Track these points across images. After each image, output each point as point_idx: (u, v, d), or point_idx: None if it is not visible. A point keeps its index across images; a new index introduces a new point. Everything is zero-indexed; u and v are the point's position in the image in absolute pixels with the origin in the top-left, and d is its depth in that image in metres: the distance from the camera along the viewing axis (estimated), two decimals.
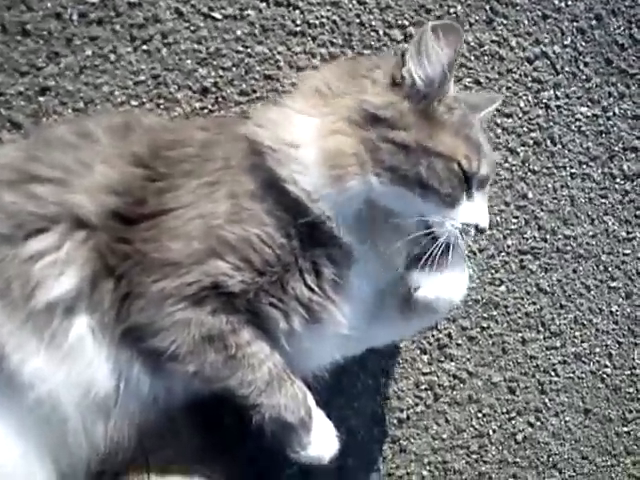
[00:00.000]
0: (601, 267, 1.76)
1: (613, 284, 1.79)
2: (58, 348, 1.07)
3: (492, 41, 1.58)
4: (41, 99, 1.35)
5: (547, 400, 1.71)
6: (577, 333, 1.75)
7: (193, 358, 1.08)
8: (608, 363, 1.81)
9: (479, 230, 1.15)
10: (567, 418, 1.74)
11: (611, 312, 1.80)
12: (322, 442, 1.16)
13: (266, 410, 1.10)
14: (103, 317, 1.09)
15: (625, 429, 1.85)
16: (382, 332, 1.28)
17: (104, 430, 1.12)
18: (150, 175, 1.13)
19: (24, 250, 1.07)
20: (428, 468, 1.63)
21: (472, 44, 1.57)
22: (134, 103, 1.40)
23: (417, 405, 1.61)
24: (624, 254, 1.79)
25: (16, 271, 1.06)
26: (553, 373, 1.71)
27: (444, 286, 1.15)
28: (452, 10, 1.55)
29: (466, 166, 1.10)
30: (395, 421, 1.60)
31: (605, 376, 1.80)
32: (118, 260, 1.09)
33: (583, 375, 1.77)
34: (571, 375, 1.75)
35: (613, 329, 1.80)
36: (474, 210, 1.13)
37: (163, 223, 1.09)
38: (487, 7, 1.57)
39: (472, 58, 1.57)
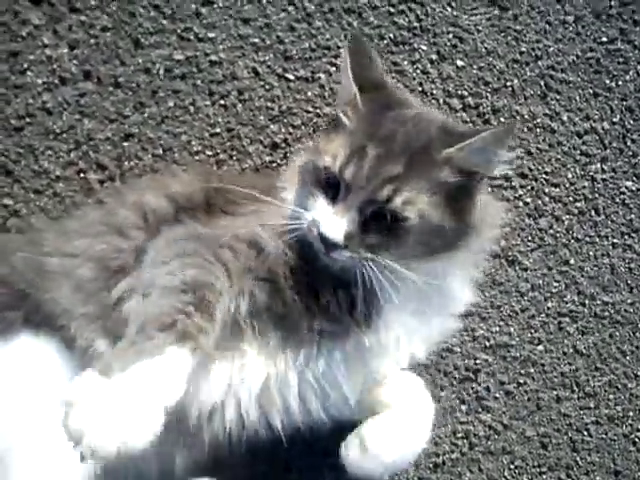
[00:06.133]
0: (637, 334, 1.58)
1: None
2: None
3: (545, 114, 1.46)
4: (125, 144, 1.29)
5: (578, 458, 1.53)
6: (611, 396, 1.57)
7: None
8: None
9: (322, 239, 0.93)
10: (597, 478, 1.55)
11: None
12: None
13: None
14: None
15: None
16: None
17: None
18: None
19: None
20: None
21: (526, 116, 1.45)
22: (209, 153, 1.32)
23: (453, 452, 1.46)
24: None
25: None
26: (586, 432, 1.54)
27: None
28: (509, 84, 1.44)
29: (328, 163, 0.94)
30: (431, 465, 1.45)
31: (637, 440, 1.61)
32: None
33: (615, 437, 1.58)
34: (603, 436, 1.57)
35: None
36: (326, 214, 0.93)
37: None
38: (542, 82, 1.45)
39: (525, 129, 1.45)
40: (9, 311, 1.01)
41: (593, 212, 1.52)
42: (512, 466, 1.49)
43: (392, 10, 1.38)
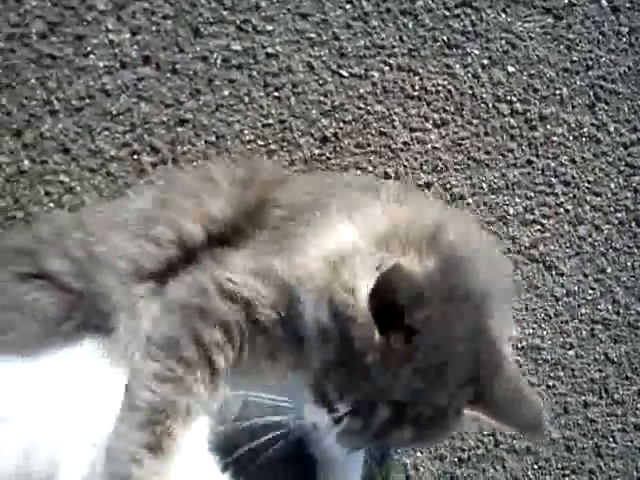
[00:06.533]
0: None
1: None
2: None
3: (592, 124, 1.46)
4: (179, 129, 1.30)
5: (602, 464, 1.53)
6: (639, 405, 1.56)
7: (168, 317, 0.94)
8: None
9: None
10: None
11: None
12: None
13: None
14: None
15: None
16: None
17: None
18: (252, 217, 1.05)
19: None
20: None
21: (572, 125, 1.45)
22: (260, 143, 1.33)
23: (478, 448, 1.46)
24: None
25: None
26: (611, 439, 1.53)
27: None
28: (558, 92, 1.43)
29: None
30: (456, 460, 1.45)
31: None
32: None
33: None
34: (629, 444, 1.56)
35: None
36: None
37: (240, 244, 1.01)
38: (591, 92, 1.45)
39: (570, 138, 1.44)
40: (69, 320, 0.99)
41: (633, 223, 1.52)
42: (536, 466, 1.49)
43: (447, 13, 1.38)
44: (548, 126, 1.42)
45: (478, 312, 0.87)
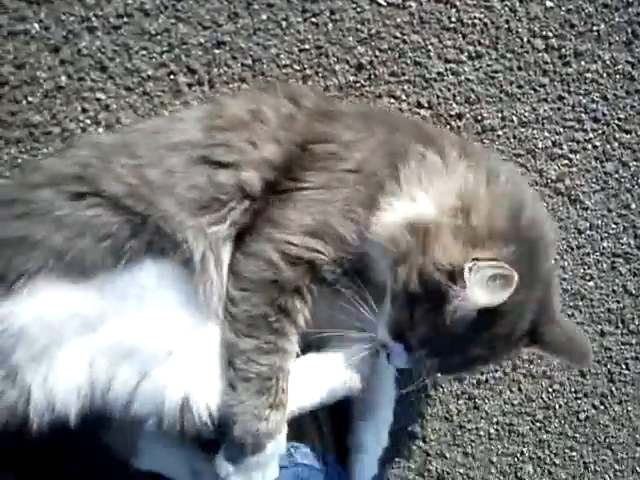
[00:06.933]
0: None
1: None
2: None
3: (627, 61, 1.44)
4: (216, 52, 1.29)
5: (614, 388, 1.58)
6: None
7: (249, 298, 1.01)
8: None
9: None
10: (629, 408, 1.60)
11: None
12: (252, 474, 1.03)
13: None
14: None
15: None
16: None
17: None
18: (301, 158, 1.05)
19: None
20: (495, 427, 1.53)
21: (607, 62, 1.43)
22: (296, 67, 1.33)
23: (497, 371, 1.50)
24: None
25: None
26: (624, 366, 1.57)
27: None
28: (595, 28, 1.41)
29: None
30: (474, 381, 1.50)
31: None
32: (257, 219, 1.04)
33: None
34: None
35: None
36: None
37: (294, 195, 1.03)
38: (629, 29, 1.42)
39: (604, 75, 1.43)
40: (133, 239, 0.97)
41: None
42: (550, 389, 1.53)
43: None
44: (582, 62, 1.41)
45: (545, 284, 0.99)
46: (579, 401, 1.56)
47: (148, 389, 0.97)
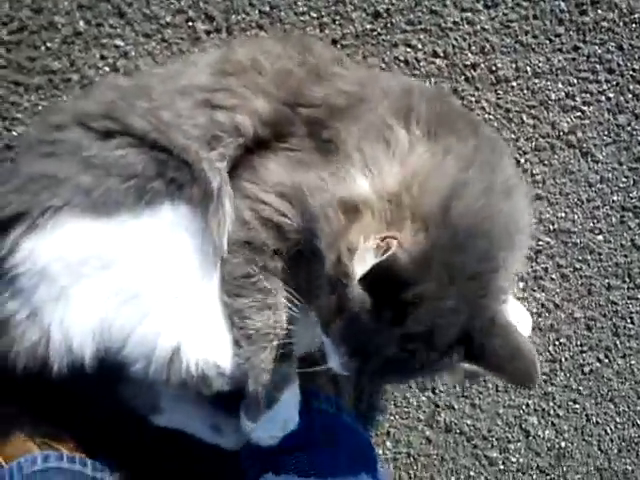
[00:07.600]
0: None
1: None
2: None
3: None
4: None
5: (618, 342, 1.57)
6: None
7: (230, 259, 1.00)
8: None
9: None
10: (633, 362, 1.59)
11: None
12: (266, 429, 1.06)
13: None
14: None
15: None
16: None
17: None
18: (291, 122, 1.04)
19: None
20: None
21: (624, 10, 1.40)
22: (313, 15, 1.32)
23: None
24: None
25: None
26: (629, 320, 1.57)
27: None
28: None
29: None
30: None
31: None
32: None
33: None
34: None
35: None
36: None
37: (278, 153, 1.02)
38: None
39: (621, 24, 1.41)
40: (156, 180, 0.98)
41: None
42: (557, 342, 1.54)
43: None
44: (599, 11, 1.39)
45: (474, 283, 0.85)
46: (584, 355, 1.56)
47: (143, 333, 0.98)
